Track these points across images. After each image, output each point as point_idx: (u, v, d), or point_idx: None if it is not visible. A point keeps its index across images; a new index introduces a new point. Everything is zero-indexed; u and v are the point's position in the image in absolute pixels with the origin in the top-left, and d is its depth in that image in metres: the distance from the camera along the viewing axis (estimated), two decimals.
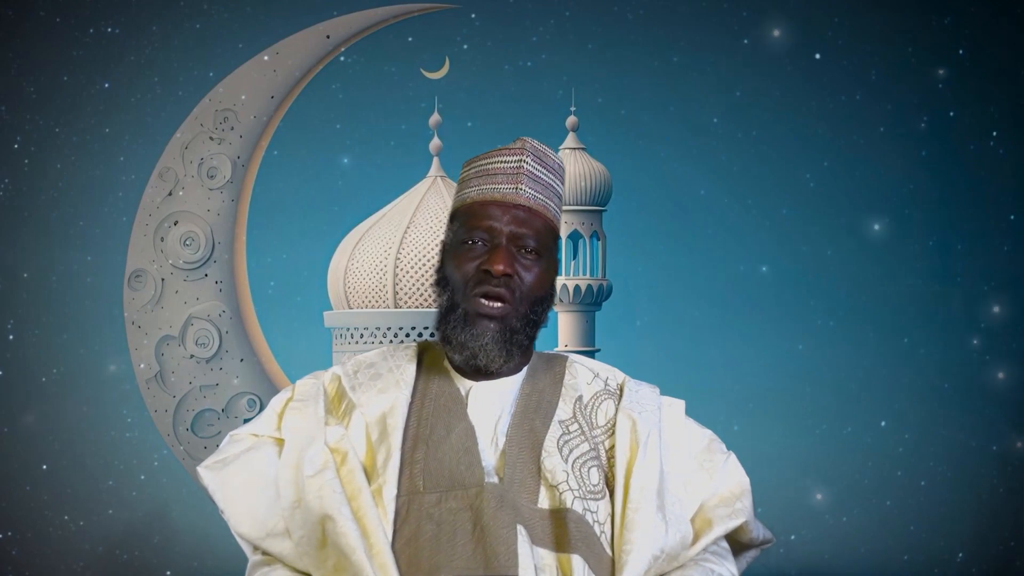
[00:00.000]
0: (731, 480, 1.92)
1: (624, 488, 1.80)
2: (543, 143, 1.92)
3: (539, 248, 1.85)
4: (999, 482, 5.53)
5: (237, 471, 1.83)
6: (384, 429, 1.83)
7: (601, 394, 1.92)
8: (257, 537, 1.79)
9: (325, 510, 1.72)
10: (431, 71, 5.64)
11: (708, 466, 1.92)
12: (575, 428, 1.87)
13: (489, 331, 1.82)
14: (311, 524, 1.74)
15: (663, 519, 1.78)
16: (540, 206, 1.87)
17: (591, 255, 5.64)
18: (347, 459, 1.79)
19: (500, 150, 1.89)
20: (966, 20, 5.58)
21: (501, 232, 1.84)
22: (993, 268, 5.59)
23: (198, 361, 5.60)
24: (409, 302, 5.52)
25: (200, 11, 5.53)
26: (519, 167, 1.87)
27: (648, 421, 1.88)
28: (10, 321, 5.47)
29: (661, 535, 1.76)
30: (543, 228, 1.87)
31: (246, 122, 5.61)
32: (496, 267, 1.81)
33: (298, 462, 1.79)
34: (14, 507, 5.40)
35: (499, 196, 1.86)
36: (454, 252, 1.87)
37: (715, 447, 1.96)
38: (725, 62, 5.60)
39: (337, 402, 1.90)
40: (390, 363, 1.93)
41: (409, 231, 5.53)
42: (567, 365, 1.96)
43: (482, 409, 1.86)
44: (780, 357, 5.60)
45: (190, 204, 5.60)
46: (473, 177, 1.89)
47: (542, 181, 1.88)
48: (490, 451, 1.82)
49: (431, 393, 1.89)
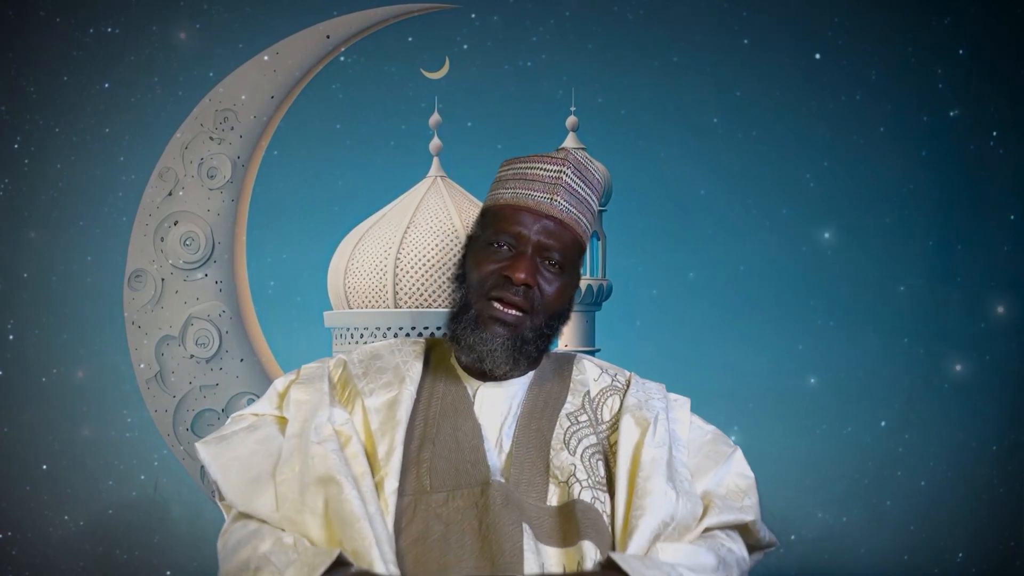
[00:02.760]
0: (736, 472, 1.90)
1: (633, 463, 1.77)
2: (587, 157, 1.89)
3: (563, 262, 1.83)
4: (999, 482, 5.53)
5: (234, 445, 1.80)
6: (386, 420, 1.80)
7: (608, 390, 1.91)
8: (244, 501, 1.74)
9: (330, 472, 1.68)
10: (431, 71, 5.64)
11: (713, 457, 1.90)
12: (584, 419, 1.85)
13: (499, 337, 1.80)
14: (310, 485, 1.69)
15: (673, 489, 1.75)
16: (572, 220, 1.84)
17: (591, 255, 5.64)
18: (351, 443, 1.77)
19: (543, 157, 1.86)
20: (966, 20, 5.58)
21: (528, 240, 1.81)
22: (993, 268, 5.59)
23: (198, 361, 5.60)
24: (409, 302, 5.52)
25: (200, 11, 5.53)
26: (558, 178, 1.83)
27: (655, 407, 1.86)
28: (10, 321, 5.47)
29: (672, 503, 1.74)
30: (571, 242, 1.84)
31: (246, 122, 5.61)
32: (517, 275, 1.78)
33: (302, 430, 1.76)
34: (14, 507, 5.39)
35: (533, 204, 1.82)
36: (478, 252, 1.85)
37: (720, 441, 1.95)
38: (725, 62, 5.60)
39: (341, 388, 1.88)
40: (397, 358, 1.91)
41: (409, 231, 5.52)
42: (575, 363, 1.95)
43: (489, 410, 1.85)
44: (780, 357, 5.60)
45: (190, 204, 5.59)
46: (511, 179, 1.86)
47: (578, 195, 1.85)
48: (495, 452, 1.80)
49: (438, 392, 1.86)
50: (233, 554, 1.71)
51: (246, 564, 1.67)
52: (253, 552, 1.68)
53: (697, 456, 1.89)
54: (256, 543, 1.69)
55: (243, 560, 1.68)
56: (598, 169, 1.91)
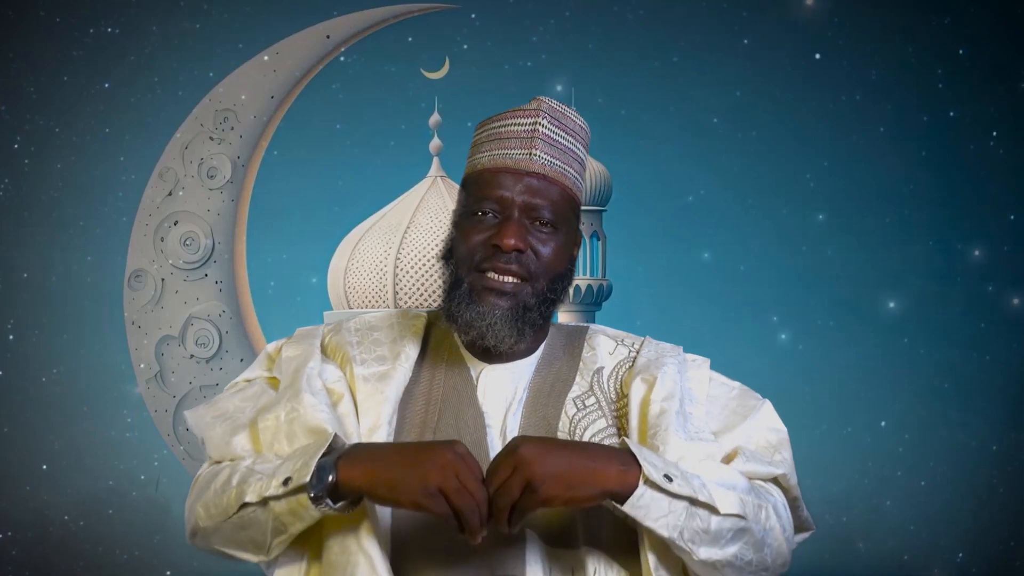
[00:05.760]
0: (766, 426, 1.76)
1: (641, 419, 1.65)
2: (564, 105, 1.74)
3: (555, 220, 1.67)
4: (999, 482, 5.53)
5: (220, 404, 1.70)
6: (374, 394, 1.68)
7: (624, 363, 1.77)
8: (221, 452, 1.63)
9: (321, 425, 1.57)
10: (431, 71, 5.64)
11: (741, 411, 1.75)
12: (592, 402, 1.72)
13: (498, 308, 1.65)
14: (295, 432, 1.59)
15: (686, 439, 1.62)
16: (557, 173, 1.69)
17: (591, 255, 5.64)
18: (342, 401, 1.66)
19: (514, 111, 1.71)
20: (966, 20, 5.58)
21: (512, 202, 1.66)
22: (993, 268, 5.59)
23: (198, 361, 5.60)
24: (409, 302, 5.52)
25: (200, 11, 5.53)
26: (533, 130, 1.68)
27: (665, 364, 1.73)
28: (10, 321, 5.47)
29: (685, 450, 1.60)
30: (560, 198, 1.69)
31: (246, 122, 5.61)
32: (507, 241, 1.64)
33: (292, 381, 1.65)
34: (14, 507, 5.40)
35: (511, 163, 1.68)
36: (462, 224, 1.70)
37: (748, 394, 1.81)
38: (725, 62, 5.60)
39: (333, 352, 1.76)
40: (395, 332, 1.78)
41: (409, 231, 5.52)
42: (587, 337, 1.81)
43: (493, 395, 1.71)
44: (780, 357, 5.60)
45: (190, 204, 5.60)
46: (484, 141, 1.72)
47: (560, 145, 1.70)
48: (499, 445, 1.67)
49: (439, 375, 1.74)
50: (207, 486, 1.60)
51: (226, 486, 1.56)
52: (232, 471, 1.57)
53: (723, 413, 1.74)
54: (233, 466, 1.59)
55: (221, 484, 1.57)
56: (578, 115, 1.74)
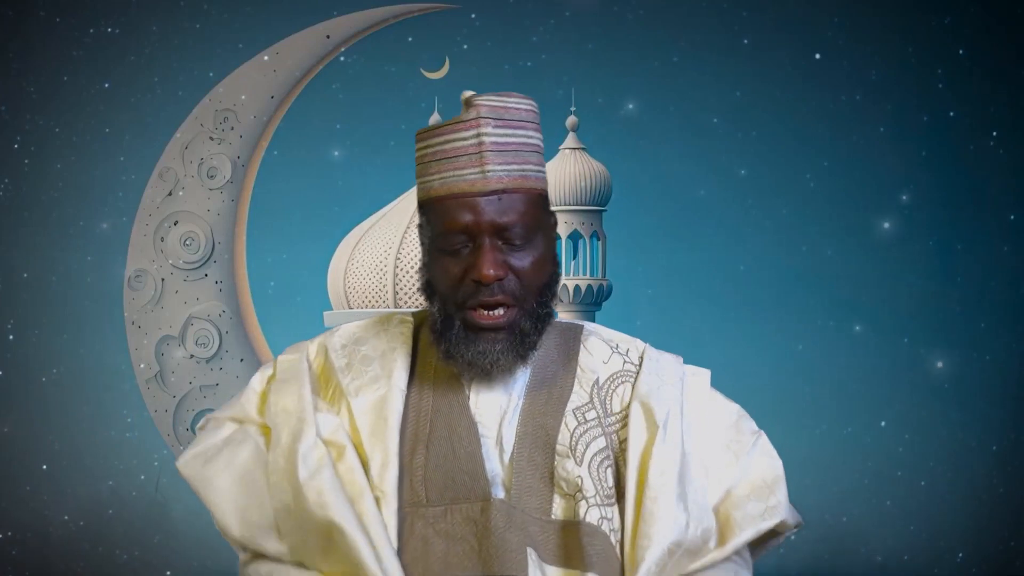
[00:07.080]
0: (761, 465, 1.75)
1: (640, 474, 1.62)
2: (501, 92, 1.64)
3: (527, 231, 1.61)
4: (999, 482, 5.52)
5: (221, 469, 1.70)
6: (376, 424, 1.65)
7: (619, 375, 1.73)
8: (248, 538, 1.65)
9: (330, 518, 1.55)
10: (431, 71, 5.64)
11: (735, 447, 1.75)
12: (592, 417, 1.68)
13: (498, 343, 1.61)
14: (311, 531, 1.59)
15: (684, 510, 1.61)
16: (516, 179, 1.60)
17: (591, 255, 5.64)
18: (344, 455, 1.62)
19: (454, 124, 1.62)
20: (966, 20, 5.57)
21: (480, 227, 1.59)
22: (993, 268, 5.59)
23: (198, 361, 5.60)
24: (409, 302, 5.52)
25: (200, 11, 5.53)
26: (479, 143, 1.59)
27: (667, 398, 1.71)
28: (10, 321, 5.47)
29: (681, 528, 1.60)
30: (526, 204, 1.61)
31: (246, 122, 5.61)
32: (485, 273, 1.58)
33: (288, 456, 1.61)
34: (14, 507, 5.39)
35: (467, 185, 1.59)
36: (436, 258, 1.64)
37: (744, 425, 1.80)
38: (725, 62, 5.59)
39: (325, 382, 1.73)
40: (382, 343, 1.74)
41: (409, 231, 5.52)
42: (582, 339, 1.75)
43: (487, 405, 1.67)
44: (780, 357, 5.59)
45: (190, 204, 5.59)
46: (431, 161, 1.65)
47: (510, 146, 1.61)
48: (495, 455, 1.65)
49: (428, 383, 1.70)
50: None
51: None
52: None
53: (716, 443, 1.74)
54: None
55: None
56: (519, 97, 1.64)
